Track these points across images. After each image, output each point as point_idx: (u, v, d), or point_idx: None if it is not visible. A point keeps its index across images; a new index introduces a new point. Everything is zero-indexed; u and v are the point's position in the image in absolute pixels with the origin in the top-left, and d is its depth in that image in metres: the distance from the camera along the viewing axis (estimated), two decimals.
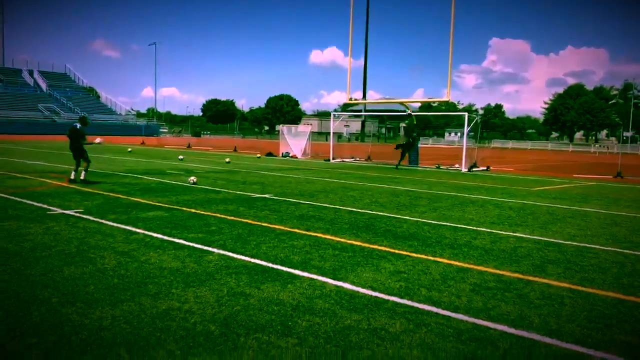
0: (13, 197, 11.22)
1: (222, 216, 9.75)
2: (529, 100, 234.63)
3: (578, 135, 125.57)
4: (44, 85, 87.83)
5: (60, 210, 9.76)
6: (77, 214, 9.45)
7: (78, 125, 14.35)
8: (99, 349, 3.92)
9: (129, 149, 34.44)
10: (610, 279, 6.34)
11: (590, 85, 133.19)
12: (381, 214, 10.70)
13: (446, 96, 26.38)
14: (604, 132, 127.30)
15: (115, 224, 8.65)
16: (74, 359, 3.75)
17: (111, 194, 12.26)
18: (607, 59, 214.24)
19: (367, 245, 7.72)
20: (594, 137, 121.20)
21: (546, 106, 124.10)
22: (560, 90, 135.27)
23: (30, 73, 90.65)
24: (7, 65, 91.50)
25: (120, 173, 17.91)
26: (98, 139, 15.26)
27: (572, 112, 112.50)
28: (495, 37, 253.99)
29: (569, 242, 8.43)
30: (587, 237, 8.96)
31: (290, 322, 4.58)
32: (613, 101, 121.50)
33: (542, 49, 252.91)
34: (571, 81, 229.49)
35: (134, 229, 8.30)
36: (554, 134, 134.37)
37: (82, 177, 14.09)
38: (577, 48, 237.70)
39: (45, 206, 10.19)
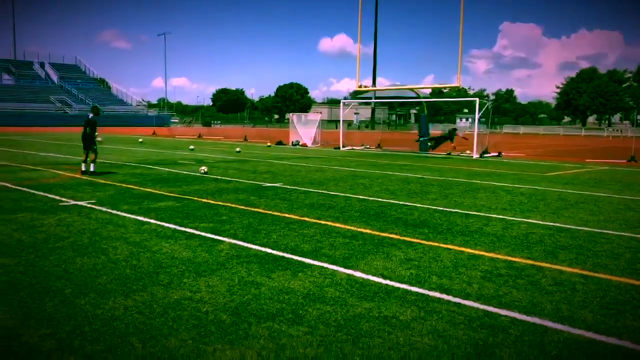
0: (26, 189, 11.32)
1: (233, 205, 9.78)
2: (540, 84, 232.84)
3: (591, 119, 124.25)
4: (55, 77, 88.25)
5: (72, 202, 9.84)
6: (90, 205, 9.52)
7: (90, 115, 14.41)
8: (111, 338, 3.96)
9: (140, 140, 34.60)
10: (624, 264, 6.29)
11: (604, 69, 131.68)
12: (392, 201, 10.68)
13: (457, 82, 26.18)
14: (618, 115, 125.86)
15: (127, 215, 8.71)
16: (87, 348, 3.80)
17: (123, 185, 12.34)
18: (621, 41, 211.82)
19: (377, 233, 7.72)
20: (607, 121, 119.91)
21: (558, 90, 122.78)
22: (573, 74, 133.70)
23: (42, 65, 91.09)
24: (18, 58, 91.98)
25: (131, 164, 18.00)
26: (99, 138, 15.17)
27: (584, 96, 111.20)
28: (506, 21, 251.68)
29: (582, 228, 8.37)
30: (600, 222, 8.89)
31: (301, 311, 4.59)
32: (627, 84, 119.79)
33: (554, 32, 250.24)
34: (584, 65, 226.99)
35: (145, 219, 8.35)
36: (566, 119, 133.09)
37: (91, 169, 14.19)
38: (590, 31, 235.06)
39: (57, 197, 10.28)
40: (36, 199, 10.15)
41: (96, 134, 14.20)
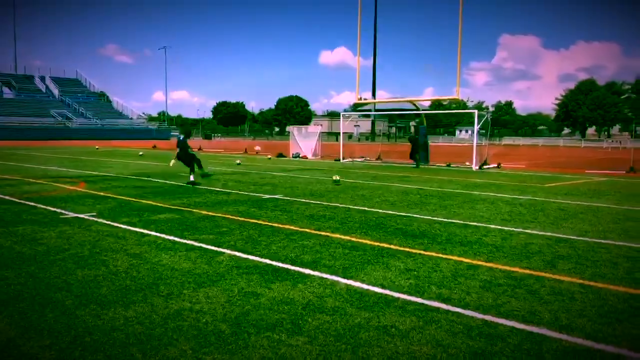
0: (27, 202, 11.36)
1: (233, 217, 9.81)
2: (540, 96, 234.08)
3: (590, 130, 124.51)
4: (55, 91, 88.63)
5: (73, 214, 9.87)
6: (90, 218, 9.55)
7: (181, 137, 15.84)
8: (111, 348, 3.98)
9: (141, 153, 34.66)
10: (622, 273, 6.31)
11: (603, 80, 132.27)
12: (391, 212, 10.71)
13: (456, 94, 26.30)
14: (617, 127, 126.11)
15: (127, 227, 8.74)
16: (88, 359, 3.81)
17: (123, 197, 12.37)
18: (619, 53, 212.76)
19: (377, 243, 7.74)
20: (606, 133, 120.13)
21: (557, 102, 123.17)
22: (572, 85, 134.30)
23: (42, 79, 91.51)
24: (19, 72, 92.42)
25: (132, 177, 18.05)
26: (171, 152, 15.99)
27: (583, 107, 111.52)
28: (505, 34, 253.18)
29: (581, 238, 8.39)
30: (599, 232, 8.91)
31: (300, 321, 4.61)
32: (625, 96, 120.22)
33: (553, 44, 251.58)
34: (583, 76, 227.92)
35: (145, 231, 8.38)
36: (566, 130, 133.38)
37: (192, 179, 15.45)
38: (589, 42, 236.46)
39: (58, 210, 10.31)
40: (37, 211, 10.19)
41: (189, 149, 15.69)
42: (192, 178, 15.55)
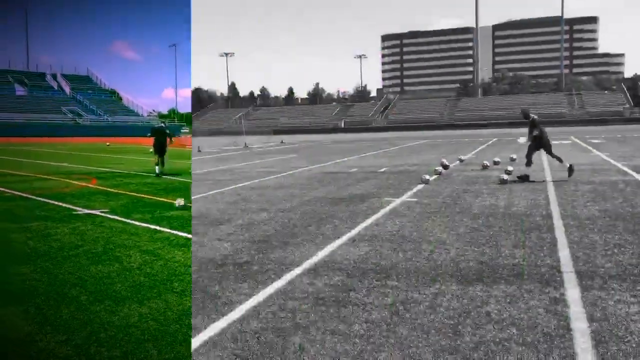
0: (40, 198, 11.43)
1: None
2: None
3: None
4: (67, 89, 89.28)
5: (86, 211, 9.92)
6: (103, 214, 9.59)
7: (164, 124, 17.44)
8: (127, 345, 3.99)
9: (151, 150, 34.70)
10: None
11: None
12: None
13: None
14: None
15: (140, 223, 8.76)
16: (104, 354, 3.82)
17: (135, 194, 12.41)
18: None
19: None
20: None
21: None
22: None
23: (54, 76, 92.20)
24: (31, 69, 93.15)
25: (143, 173, 18.13)
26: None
27: None
28: None
29: None
30: None
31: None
32: None
33: None
34: None
35: (158, 228, 8.40)
36: None
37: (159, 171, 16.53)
38: None
39: (71, 207, 10.37)
40: (50, 207, 10.25)
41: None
42: (157, 170, 16.65)
